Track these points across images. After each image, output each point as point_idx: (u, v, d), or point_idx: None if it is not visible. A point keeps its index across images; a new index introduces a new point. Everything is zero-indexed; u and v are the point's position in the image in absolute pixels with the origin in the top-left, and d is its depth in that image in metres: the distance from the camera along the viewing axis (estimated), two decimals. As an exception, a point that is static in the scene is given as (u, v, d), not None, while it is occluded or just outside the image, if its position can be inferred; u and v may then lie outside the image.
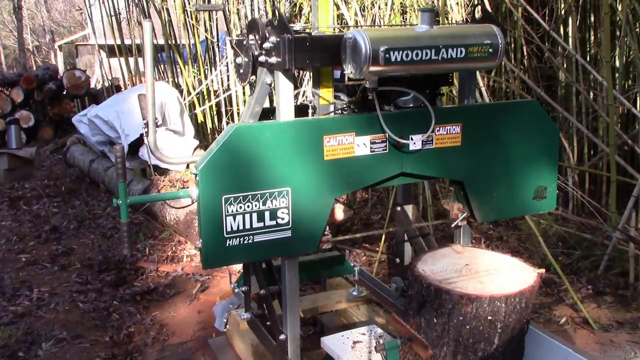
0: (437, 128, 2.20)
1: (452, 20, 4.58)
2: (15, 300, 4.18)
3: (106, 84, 9.88)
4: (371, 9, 4.99)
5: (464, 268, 2.18)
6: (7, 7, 21.01)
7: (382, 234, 4.06)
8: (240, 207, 1.96)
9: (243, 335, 2.86)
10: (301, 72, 4.87)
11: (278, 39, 1.99)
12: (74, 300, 4.15)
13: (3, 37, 21.93)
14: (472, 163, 2.31)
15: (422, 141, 2.19)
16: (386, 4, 4.86)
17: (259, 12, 5.74)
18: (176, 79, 7.54)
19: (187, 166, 5.93)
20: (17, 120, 8.89)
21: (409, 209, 2.69)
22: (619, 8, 5.04)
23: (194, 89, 6.77)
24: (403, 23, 4.93)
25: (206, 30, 6.70)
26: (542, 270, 2.11)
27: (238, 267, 3.86)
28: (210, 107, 6.75)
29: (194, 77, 6.89)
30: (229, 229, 1.96)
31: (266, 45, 2.04)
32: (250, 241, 2.00)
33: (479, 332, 1.95)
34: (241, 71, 2.26)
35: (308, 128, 2.06)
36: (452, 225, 2.42)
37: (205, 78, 6.72)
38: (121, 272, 4.50)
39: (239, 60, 2.24)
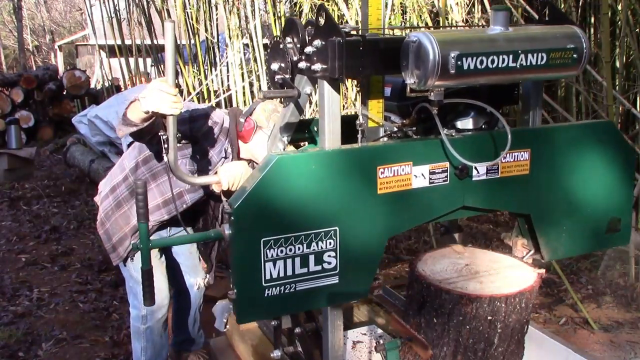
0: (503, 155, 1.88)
1: (451, 20, 4.57)
2: (15, 300, 4.19)
3: (106, 84, 9.88)
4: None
5: (464, 268, 2.18)
6: (7, 7, 21.02)
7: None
8: (282, 251, 1.69)
9: (243, 336, 2.87)
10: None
11: (324, 42, 1.68)
12: (74, 300, 4.15)
13: (3, 37, 21.92)
14: (541, 194, 2.03)
15: (487, 169, 1.89)
16: (386, 5, 4.86)
17: (259, 12, 5.74)
18: (176, 79, 7.53)
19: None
20: (17, 121, 8.90)
21: (457, 236, 2.46)
22: (619, 8, 5.04)
23: (194, 89, 6.77)
24: (403, 23, 4.92)
25: (206, 31, 6.70)
26: (542, 270, 2.10)
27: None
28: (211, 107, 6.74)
29: (194, 77, 6.89)
30: (267, 277, 1.69)
31: (308, 49, 1.74)
32: (291, 290, 1.73)
33: (478, 332, 1.95)
34: (276, 79, 1.96)
35: (360, 158, 1.76)
36: None
37: (205, 78, 6.71)
38: (121, 272, 4.49)
39: (274, 66, 1.95)
